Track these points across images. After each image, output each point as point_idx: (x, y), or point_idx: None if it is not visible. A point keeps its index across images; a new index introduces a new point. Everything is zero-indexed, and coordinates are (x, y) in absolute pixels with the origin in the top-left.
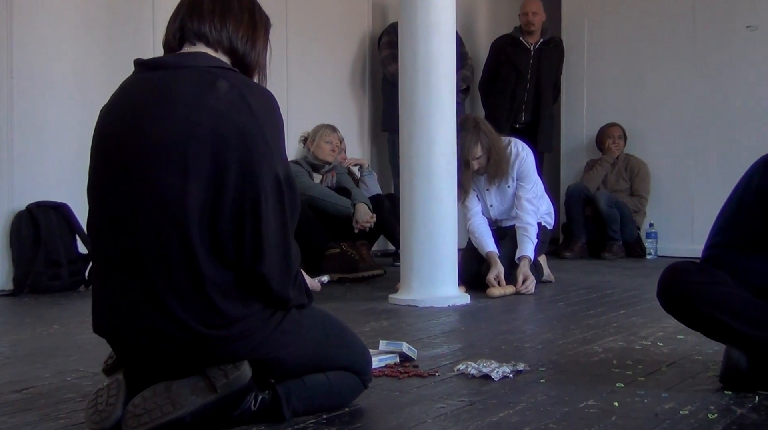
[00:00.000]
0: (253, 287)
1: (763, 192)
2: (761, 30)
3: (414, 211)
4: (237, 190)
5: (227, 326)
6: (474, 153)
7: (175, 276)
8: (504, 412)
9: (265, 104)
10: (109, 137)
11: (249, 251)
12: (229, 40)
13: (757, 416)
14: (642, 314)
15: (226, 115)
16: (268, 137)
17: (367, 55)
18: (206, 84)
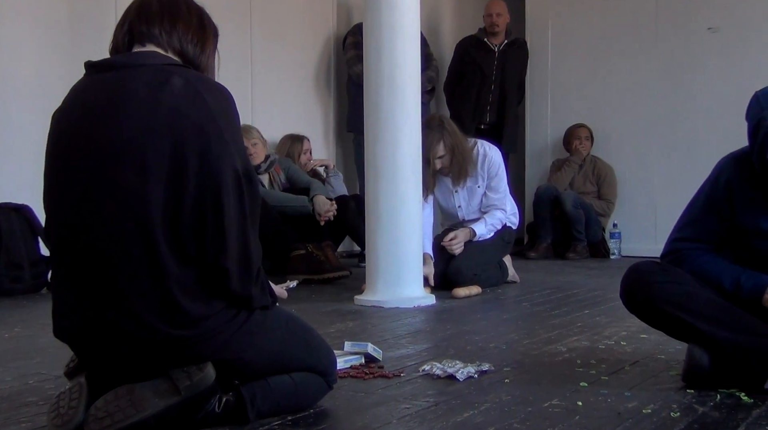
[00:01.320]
0: (215, 285)
1: (732, 188)
2: (722, 32)
3: (379, 212)
4: (197, 187)
5: (191, 325)
6: (436, 152)
7: (138, 276)
8: (468, 412)
9: (221, 100)
10: (63, 141)
11: (211, 246)
12: (179, 42)
13: (719, 414)
14: (606, 314)
15: (183, 112)
16: (225, 132)
17: (332, 55)
18: (160, 81)
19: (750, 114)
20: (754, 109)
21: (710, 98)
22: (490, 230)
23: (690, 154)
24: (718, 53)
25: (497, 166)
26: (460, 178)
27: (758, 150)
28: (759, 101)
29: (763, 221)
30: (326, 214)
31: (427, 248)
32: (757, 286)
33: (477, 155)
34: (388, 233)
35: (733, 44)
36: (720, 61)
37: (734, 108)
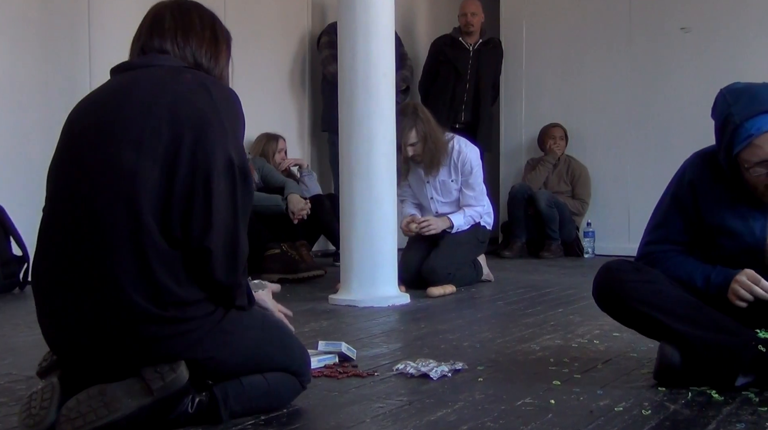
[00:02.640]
0: (198, 269)
1: (696, 187)
2: (695, 32)
3: (354, 211)
4: (190, 168)
5: (174, 306)
6: (408, 139)
7: (126, 254)
8: (442, 411)
9: (227, 96)
10: (73, 127)
11: (197, 226)
12: (193, 57)
13: (690, 411)
14: (579, 313)
15: (185, 97)
16: (225, 123)
17: (307, 55)
18: (171, 75)
19: (717, 111)
20: (720, 106)
21: (683, 98)
22: (468, 222)
23: (663, 154)
24: (691, 53)
25: (471, 165)
26: (431, 167)
27: (725, 147)
28: (725, 98)
29: (728, 218)
30: (300, 212)
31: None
32: (725, 280)
33: (451, 150)
34: (362, 232)
35: (705, 44)
36: (693, 60)
37: (707, 107)
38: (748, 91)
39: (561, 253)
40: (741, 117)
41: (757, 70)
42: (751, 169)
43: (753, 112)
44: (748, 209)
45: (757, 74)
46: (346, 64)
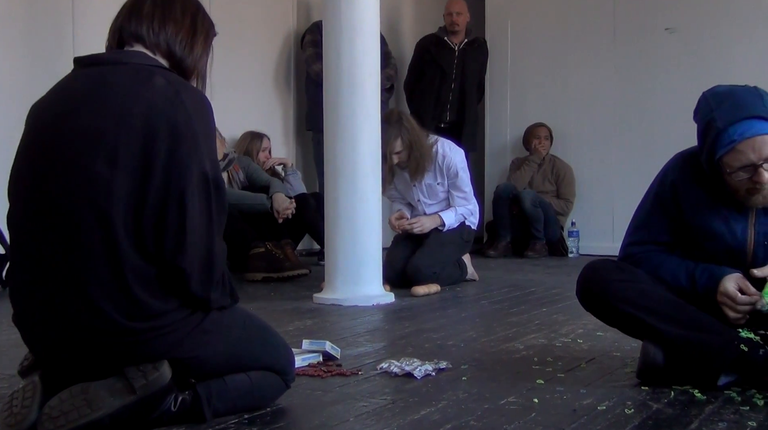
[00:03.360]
0: (172, 284)
1: (677, 188)
2: (680, 33)
3: (338, 210)
4: (163, 182)
5: (146, 318)
6: (393, 148)
7: (97, 265)
8: (426, 410)
9: (200, 105)
10: (38, 130)
11: (170, 244)
12: (166, 44)
13: (673, 410)
14: (563, 312)
15: (160, 108)
16: (199, 135)
17: (292, 53)
18: (143, 78)
19: (699, 115)
20: (703, 109)
21: (667, 98)
22: (459, 220)
23: (647, 154)
24: (676, 53)
25: (456, 169)
26: (417, 173)
27: (708, 151)
28: (708, 102)
29: (710, 220)
30: (285, 212)
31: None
32: (711, 279)
33: (436, 154)
34: (347, 231)
35: (690, 44)
36: (677, 61)
37: (691, 107)
38: (730, 95)
39: (545, 252)
40: (724, 122)
41: (741, 71)
42: (733, 173)
43: (736, 118)
44: (730, 211)
45: (741, 75)
46: (330, 63)
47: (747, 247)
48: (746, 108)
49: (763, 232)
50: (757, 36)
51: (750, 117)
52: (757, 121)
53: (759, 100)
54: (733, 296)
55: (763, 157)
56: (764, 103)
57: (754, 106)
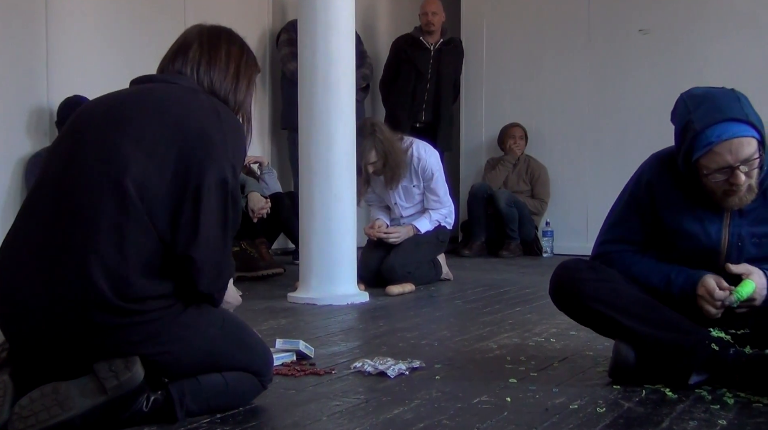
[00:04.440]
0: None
1: (653, 188)
2: (653, 34)
3: (313, 210)
4: (183, 174)
5: (136, 300)
6: (369, 159)
7: (102, 238)
8: (398, 409)
9: (236, 128)
10: (79, 120)
11: (184, 233)
12: (210, 84)
13: (644, 409)
14: (537, 311)
15: (195, 114)
16: (229, 148)
17: (267, 52)
18: (189, 92)
19: (677, 116)
20: (681, 111)
21: (641, 98)
22: (434, 225)
23: (621, 154)
24: (649, 55)
25: (432, 171)
26: (392, 182)
27: (685, 152)
28: (686, 104)
29: (685, 221)
30: (260, 211)
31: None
32: (687, 282)
33: (411, 158)
34: (321, 231)
35: (663, 46)
36: (651, 62)
37: (664, 108)
38: (708, 98)
39: (520, 252)
40: (702, 124)
41: (714, 72)
42: (710, 175)
43: (713, 120)
44: (705, 212)
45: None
46: (305, 62)
47: (721, 248)
48: (724, 110)
49: (737, 233)
50: (729, 38)
51: (727, 119)
52: (734, 123)
53: (736, 103)
54: (712, 289)
55: (739, 159)
56: (741, 105)
57: (731, 109)
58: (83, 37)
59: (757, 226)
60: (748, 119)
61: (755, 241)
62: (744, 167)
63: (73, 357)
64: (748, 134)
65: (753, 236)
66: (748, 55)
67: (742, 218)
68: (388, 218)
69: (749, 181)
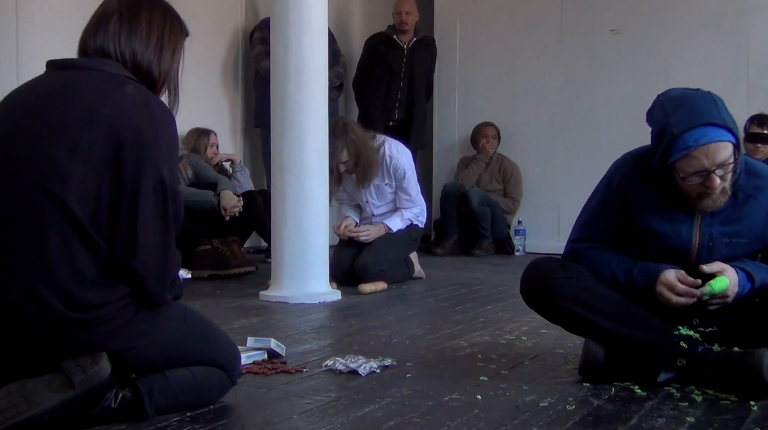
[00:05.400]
0: (123, 277)
1: (625, 189)
2: (624, 34)
3: (285, 208)
4: (119, 180)
5: (89, 309)
6: (340, 158)
7: (44, 251)
8: (370, 407)
9: (166, 117)
10: (8, 117)
11: (121, 245)
12: (133, 58)
13: (613, 406)
14: (508, 309)
15: (127, 113)
16: (162, 145)
17: (240, 50)
18: (115, 84)
19: (654, 118)
20: (658, 113)
21: (612, 98)
22: (406, 223)
23: (592, 153)
24: (620, 54)
25: (404, 170)
26: (364, 180)
27: (661, 154)
28: (663, 106)
29: (655, 221)
30: (232, 209)
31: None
32: (648, 278)
33: (383, 156)
34: (293, 229)
35: (634, 46)
36: (622, 62)
37: (635, 107)
38: (686, 101)
39: (492, 250)
40: (679, 128)
41: (684, 71)
42: (687, 178)
43: (691, 124)
44: (676, 212)
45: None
46: (278, 60)
47: (691, 248)
48: (701, 115)
49: (708, 233)
50: (699, 38)
51: (705, 124)
52: (711, 128)
53: (713, 107)
54: (672, 283)
55: (716, 163)
56: (718, 109)
57: (708, 113)
58: (54, 9)
59: (727, 226)
60: (725, 124)
61: (726, 241)
62: (720, 171)
63: (37, 359)
64: (724, 139)
65: (724, 235)
66: (716, 55)
67: (713, 218)
68: (359, 217)
69: (723, 184)
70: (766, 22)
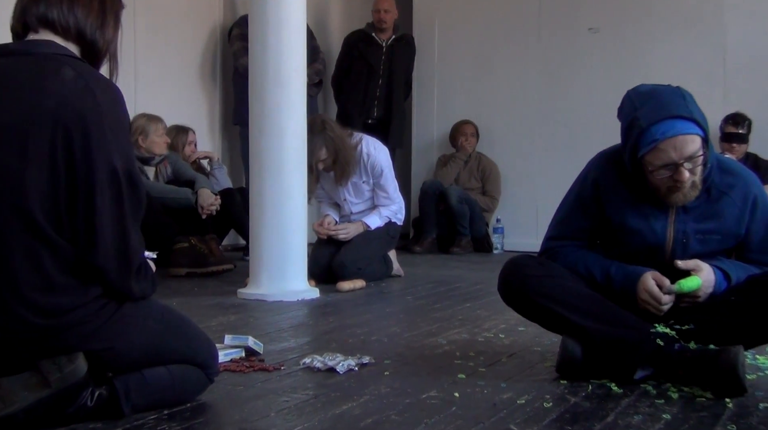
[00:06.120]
0: (92, 277)
1: (599, 186)
2: (602, 33)
3: (264, 205)
4: (72, 179)
5: (61, 315)
6: (319, 156)
7: (13, 264)
8: (347, 404)
9: (111, 97)
10: None
11: (82, 241)
12: (76, 27)
13: (590, 404)
14: (486, 307)
15: (69, 102)
16: (108, 129)
17: (218, 47)
18: (51, 70)
19: (623, 113)
20: (626, 108)
21: (590, 97)
22: (384, 221)
23: (570, 151)
24: (598, 53)
25: (381, 167)
26: (342, 178)
27: (631, 149)
28: (632, 101)
29: (630, 217)
30: (209, 207)
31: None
32: (627, 278)
33: (360, 154)
34: (272, 227)
35: (612, 44)
36: (599, 60)
37: (613, 105)
38: (654, 95)
39: (471, 248)
40: (647, 121)
41: (661, 70)
42: (655, 171)
43: (658, 117)
44: (650, 209)
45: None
46: (256, 58)
47: (666, 244)
48: (669, 108)
49: (681, 230)
50: (676, 36)
51: (672, 117)
52: (679, 120)
53: (681, 100)
54: (657, 297)
55: (684, 156)
56: (686, 103)
57: (676, 106)
58: None
59: (701, 222)
60: (693, 117)
61: (699, 237)
62: (688, 164)
63: (14, 361)
64: (692, 132)
65: (697, 232)
66: (694, 54)
67: (687, 214)
68: (338, 215)
69: (693, 178)
70: (742, 21)
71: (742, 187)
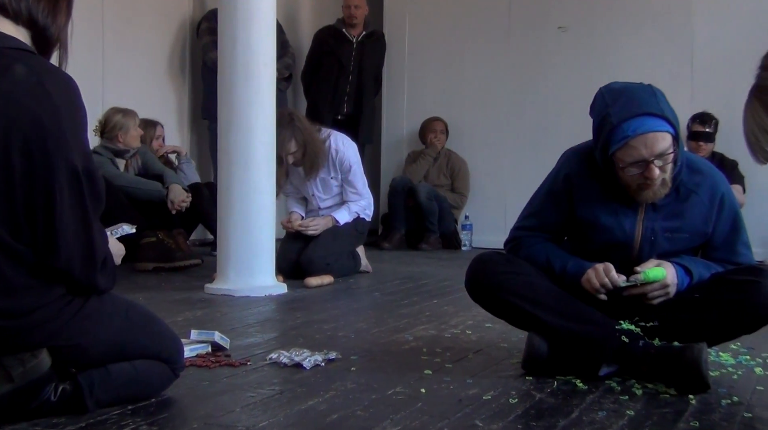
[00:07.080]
0: (55, 277)
1: (571, 182)
2: (571, 31)
3: (232, 200)
4: (28, 183)
5: (23, 316)
6: (288, 149)
7: None
8: (313, 400)
9: (65, 91)
10: None
11: (42, 246)
12: (28, 12)
13: (555, 400)
14: (454, 303)
15: (21, 102)
16: (66, 127)
17: (187, 41)
18: (2, 68)
19: (595, 110)
20: (599, 105)
21: (559, 94)
22: (353, 216)
23: (539, 149)
24: (567, 51)
25: (350, 163)
26: (311, 172)
27: (602, 145)
28: (604, 97)
29: (600, 213)
30: (180, 203)
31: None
32: (578, 271)
33: (329, 149)
34: (240, 222)
35: (581, 43)
36: (568, 58)
37: (581, 103)
38: (625, 92)
39: (439, 245)
40: (618, 118)
41: (629, 69)
42: (626, 168)
43: (630, 114)
44: (620, 206)
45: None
46: (226, 52)
47: (634, 242)
48: (640, 105)
49: (650, 227)
50: (645, 34)
51: (643, 114)
52: (650, 118)
53: (652, 98)
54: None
55: (654, 153)
56: (658, 100)
57: (647, 104)
58: None
59: (670, 220)
60: (664, 114)
61: (668, 235)
62: (658, 161)
63: None
64: (663, 129)
65: (665, 230)
66: (662, 52)
67: (656, 212)
68: (304, 210)
69: (663, 176)
70: (710, 20)
71: (710, 186)
